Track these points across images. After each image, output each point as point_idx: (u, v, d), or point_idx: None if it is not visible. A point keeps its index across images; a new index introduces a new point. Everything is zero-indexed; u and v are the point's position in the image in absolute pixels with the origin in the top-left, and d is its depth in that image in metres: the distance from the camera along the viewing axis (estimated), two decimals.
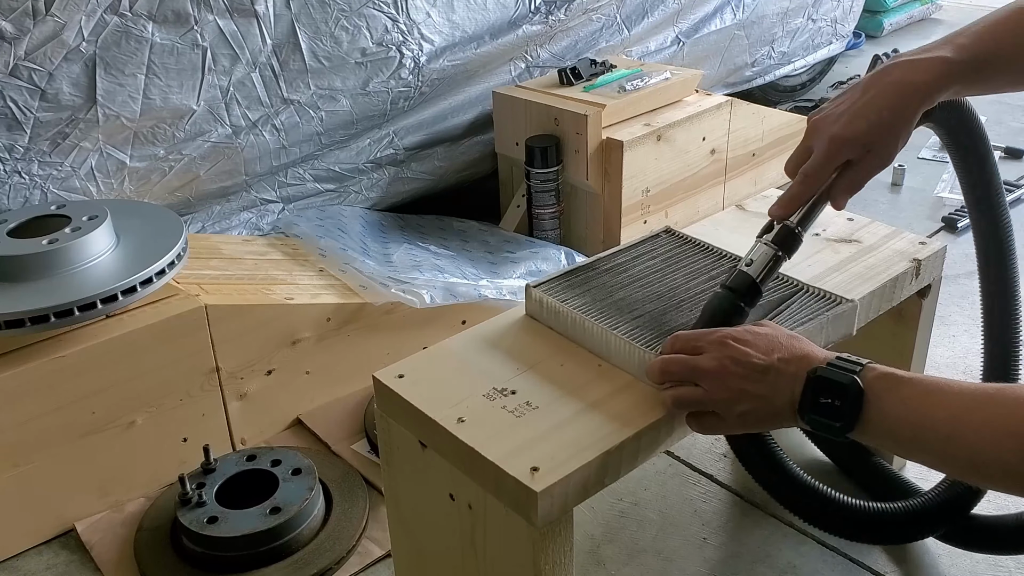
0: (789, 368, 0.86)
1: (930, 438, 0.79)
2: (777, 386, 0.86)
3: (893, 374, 0.83)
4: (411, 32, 1.99)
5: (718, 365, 0.88)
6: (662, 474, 1.51)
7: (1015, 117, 2.98)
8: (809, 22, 2.90)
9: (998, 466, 0.76)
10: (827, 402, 0.83)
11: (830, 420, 0.83)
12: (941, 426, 0.78)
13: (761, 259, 0.99)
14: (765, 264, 0.98)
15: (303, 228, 1.90)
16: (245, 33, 1.77)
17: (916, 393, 0.81)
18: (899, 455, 0.86)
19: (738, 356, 0.87)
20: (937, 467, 0.83)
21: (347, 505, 1.43)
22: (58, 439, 1.38)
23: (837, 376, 0.83)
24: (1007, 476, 0.76)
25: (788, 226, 0.99)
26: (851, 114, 0.95)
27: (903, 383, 0.82)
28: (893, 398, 0.81)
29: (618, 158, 1.97)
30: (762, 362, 0.87)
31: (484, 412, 0.94)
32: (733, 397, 0.87)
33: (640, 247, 1.23)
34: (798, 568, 1.31)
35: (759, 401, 0.87)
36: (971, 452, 0.77)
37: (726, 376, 0.87)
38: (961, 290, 2.01)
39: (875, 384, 0.82)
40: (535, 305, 1.11)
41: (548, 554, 0.87)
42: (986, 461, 0.76)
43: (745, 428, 0.90)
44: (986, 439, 0.76)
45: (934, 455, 0.81)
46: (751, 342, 0.89)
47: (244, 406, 1.57)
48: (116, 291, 1.35)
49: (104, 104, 1.65)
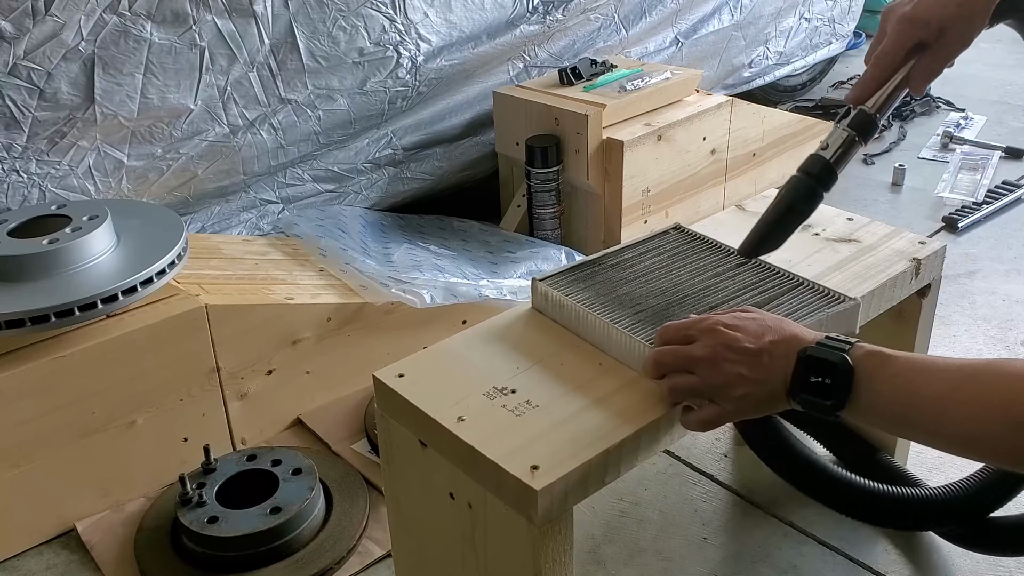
0: (780, 349, 0.87)
1: (919, 415, 0.80)
2: (771, 368, 0.86)
3: (881, 352, 0.83)
4: (409, 32, 1.99)
5: (711, 352, 0.88)
6: (662, 474, 1.51)
7: (1016, 117, 2.98)
8: (803, 22, 2.89)
9: (986, 441, 0.76)
10: (817, 381, 0.83)
11: (821, 399, 0.84)
12: (930, 402, 0.79)
13: (836, 142, 0.98)
14: (839, 146, 0.97)
15: (303, 228, 1.90)
16: (243, 33, 1.77)
17: (904, 370, 0.81)
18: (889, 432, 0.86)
19: (730, 342, 0.88)
20: (927, 443, 0.84)
21: (347, 505, 1.43)
22: (58, 439, 1.38)
23: (826, 355, 0.83)
24: (996, 451, 0.77)
25: (864, 110, 0.98)
26: None
27: (891, 361, 0.82)
28: (882, 375, 0.82)
29: (618, 158, 1.97)
30: (754, 346, 0.87)
31: (484, 411, 0.94)
32: (728, 382, 0.87)
33: (648, 243, 1.23)
34: (799, 568, 1.31)
35: (754, 385, 0.87)
36: (959, 428, 0.77)
37: (720, 362, 0.88)
38: (961, 290, 2.01)
39: (864, 362, 0.82)
40: (540, 299, 1.12)
41: (548, 553, 0.87)
42: (975, 436, 0.77)
43: (742, 414, 0.90)
44: (974, 414, 0.76)
45: (923, 431, 0.82)
46: (741, 327, 0.89)
47: (244, 406, 1.56)
48: (116, 291, 1.35)
49: (102, 103, 1.65)
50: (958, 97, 3.08)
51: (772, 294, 1.09)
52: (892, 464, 1.37)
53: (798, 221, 1.02)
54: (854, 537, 1.35)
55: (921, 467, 1.47)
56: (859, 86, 0.99)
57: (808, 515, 1.39)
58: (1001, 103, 3.08)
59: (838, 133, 0.98)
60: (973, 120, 2.95)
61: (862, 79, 0.98)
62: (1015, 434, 0.74)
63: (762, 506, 1.43)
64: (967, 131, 2.85)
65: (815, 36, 2.97)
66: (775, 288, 1.11)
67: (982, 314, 1.93)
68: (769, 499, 1.44)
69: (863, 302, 1.13)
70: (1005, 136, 2.81)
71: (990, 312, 1.94)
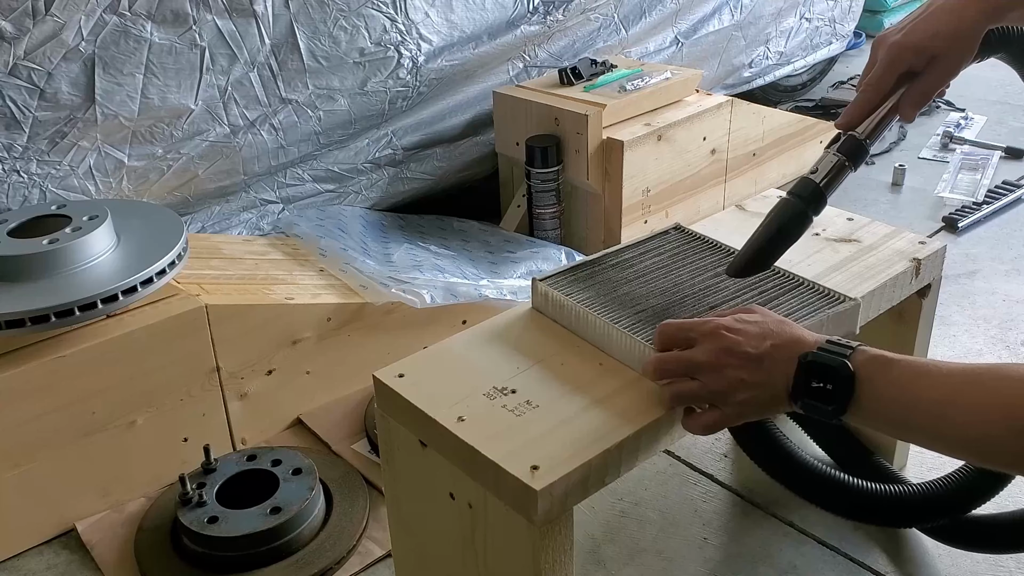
0: (781, 354, 0.87)
1: (921, 419, 0.80)
2: (772, 373, 0.86)
3: (883, 356, 0.83)
4: (409, 32, 1.99)
5: (713, 358, 0.88)
6: (663, 474, 1.51)
7: (1016, 117, 2.98)
8: (804, 22, 2.89)
9: (988, 444, 0.76)
10: (819, 386, 0.83)
11: (822, 404, 0.84)
12: (931, 407, 0.79)
13: (826, 166, 0.99)
14: (829, 170, 0.98)
15: (303, 228, 1.90)
16: (243, 33, 1.77)
17: (906, 374, 0.81)
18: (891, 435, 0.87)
19: (731, 346, 0.88)
20: (929, 446, 0.84)
21: (347, 505, 1.43)
22: (59, 439, 1.38)
23: (828, 360, 0.83)
24: (997, 454, 0.77)
25: (854, 136, 0.99)
26: (913, 24, 0.97)
27: (893, 365, 0.82)
28: (883, 380, 0.82)
29: (618, 158, 1.97)
30: (755, 351, 0.87)
31: (484, 411, 0.94)
32: (730, 387, 0.87)
33: (648, 243, 1.23)
34: (799, 568, 1.31)
35: (757, 389, 0.87)
36: (961, 431, 0.78)
37: (722, 367, 0.88)
38: (961, 290, 2.01)
39: (865, 367, 0.82)
40: (540, 298, 1.12)
41: (548, 553, 0.87)
42: (976, 440, 0.77)
43: (743, 418, 0.90)
44: (976, 419, 0.76)
45: (925, 435, 0.82)
46: (743, 331, 0.89)
47: (244, 406, 1.56)
48: (116, 291, 1.35)
49: (103, 103, 1.65)
50: (958, 97, 3.08)
51: (772, 294, 1.09)
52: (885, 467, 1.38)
53: (787, 244, 1.02)
54: (854, 537, 1.36)
55: (921, 467, 1.47)
56: (849, 112, 1.00)
57: (808, 515, 1.39)
58: (1001, 103, 3.08)
59: (828, 158, 0.99)
60: (973, 120, 2.95)
61: (852, 105, 0.99)
62: (1017, 437, 0.74)
63: (762, 506, 1.43)
64: (967, 131, 2.85)
65: (815, 36, 2.97)
66: (775, 288, 1.11)
67: (982, 314, 1.93)
68: (769, 499, 1.44)
69: (863, 302, 1.13)
70: (1005, 136, 2.81)
71: (990, 312, 1.94)
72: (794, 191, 0.99)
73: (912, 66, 0.96)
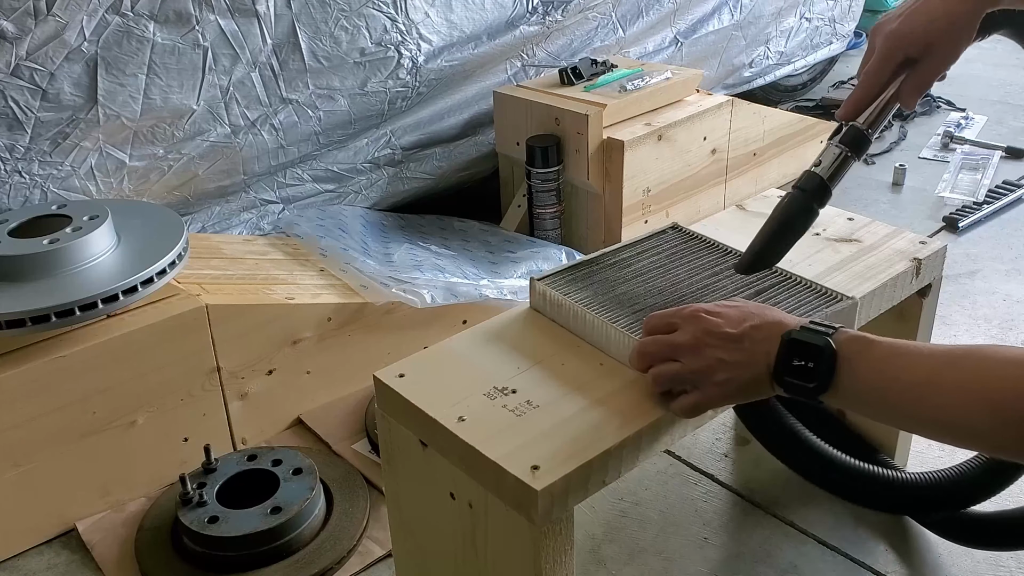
0: (761, 334, 0.87)
1: (900, 399, 0.80)
2: (753, 352, 0.87)
3: (864, 337, 0.84)
4: (409, 32, 1.99)
5: (692, 339, 0.90)
6: (663, 474, 1.51)
7: (1016, 117, 2.98)
8: (804, 21, 2.90)
9: (967, 426, 0.77)
10: (801, 364, 0.84)
11: (804, 382, 0.84)
12: (910, 387, 0.79)
13: (829, 158, 0.99)
14: (833, 162, 0.99)
15: (304, 228, 1.90)
16: (246, 33, 1.77)
17: (887, 355, 0.82)
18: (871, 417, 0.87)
19: (711, 328, 0.89)
20: (909, 428, 0.85)
21: (348, 505, 1.43)
22: (59, 439, 1.38)
23: (810, 338, 0.84)
24: (975, 437, 0.78)
25: (856, 126, 0.99)
26: (909, 12, 0.96)
27: (874, 345, 0.83)
28: (865, 360, 0.82)
29: (619, 158, 1.97)
30: (735, 331, 0.88)
31: (485, 411, 0.94)
32: (710, 367, 0.88)
33: (645, 243, 1.23)
34: (799, 568, 1.31)
35: (736, 368, 0.88)
36: (940, 413, 0.78)
37: (702, 348, 0.89)
38: (962, 290, 2.01)
39: (847, 346, 0.83)
40: (538, 298, 1.12)
41: (549, 553, 0.87)
42: (955, 422, 0.77)
43: (726, 399, 0.91)
44: (955, 400, 0.77)
45: (905, 416, 0.82)
46: (723, 314, 0.90)
47: (245, 406, 1.57)
48: (117, 291, 1.35)
49: (105, 104, 1.65)
50: (958, 97, 3.08)
51: (769, 293, 1.10)
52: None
53: (794, 238, 1.03)
54: (854, 537, 1.36)
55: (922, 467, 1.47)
56: (849, 103, 1.00)
57: (808, 515, 1.39)
58: (1002, 103, 3.08)
59: (831, 150, 1.00)
60: (973, 120, 2.95)
61: (852, 96, 1.00)
62: (995, 419, 0.74)
63: (762, 506, 1.43)
64: (967, 131, 2.85)
65: (816, 36, 2.97)
66: (772, 287, 1.11)
67: (983, 314, 1.93)
68: (769, 499, 1.44)
69: (864, 302, 1.13)
70: (1006, 136, 2.81)
71: (991, 312, 1.94)
72: (799, 185, 1.00)
73: (910, 53, 0.96)
